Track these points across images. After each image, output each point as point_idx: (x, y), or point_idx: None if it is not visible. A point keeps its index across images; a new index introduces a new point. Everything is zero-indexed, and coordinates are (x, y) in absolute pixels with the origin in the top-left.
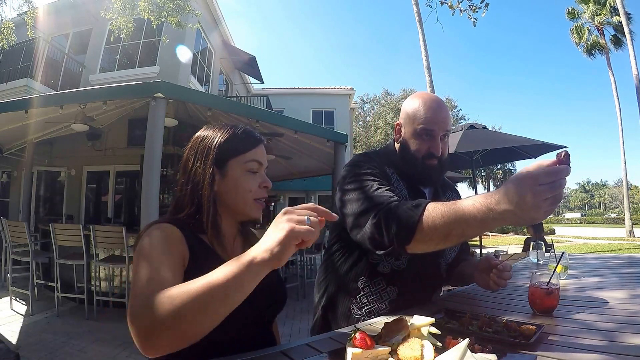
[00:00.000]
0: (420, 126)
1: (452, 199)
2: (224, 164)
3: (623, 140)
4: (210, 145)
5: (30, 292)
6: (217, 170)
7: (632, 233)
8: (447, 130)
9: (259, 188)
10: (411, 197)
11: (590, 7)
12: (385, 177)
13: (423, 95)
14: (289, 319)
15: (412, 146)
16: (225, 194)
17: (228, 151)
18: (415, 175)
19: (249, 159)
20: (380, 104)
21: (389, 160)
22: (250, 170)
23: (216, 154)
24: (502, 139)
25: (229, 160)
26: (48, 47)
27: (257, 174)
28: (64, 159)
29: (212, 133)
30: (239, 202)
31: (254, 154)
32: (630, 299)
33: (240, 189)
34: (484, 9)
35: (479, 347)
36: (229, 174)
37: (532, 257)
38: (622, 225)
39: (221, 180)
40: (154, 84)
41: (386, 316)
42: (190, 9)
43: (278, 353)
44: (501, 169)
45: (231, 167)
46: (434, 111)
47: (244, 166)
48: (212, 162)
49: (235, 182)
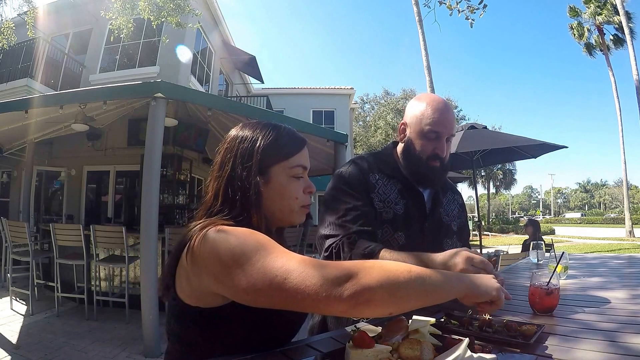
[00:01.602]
0: (427, 127)
1: (453, 200)
2: (267, 169)
3: (623, 140)
4: (253, 149)
5: (30, 292)
6: (260, 176)
7: (632, 233)
8: (452, 134)
9: (304, 194)
10: (405, 198)
11: (591, 6)
12: (365, 187)
13: (431, 97)
14: None
15: (417, 146)
16: (269, 201)
17: (272, 156)
18: (417, 176)
19: (295, 164)
20: (381, 104)
21: (379, 166)
22: (295, 175)
23: (259, 159)
24: (502, 139)
25: (273, 166)
26: (48, 47)
27: (302, 179)
28: (64, 159)
29: (251, 134)
30: (284, 209)
31: (299, 158)
32: (630, 299)
33: (286, 196)
34: (482, 10)
35: (479, 347)
36: (272, 180)
37: (532, 257)
38: (622, 225)
39: (264, 187)
40: (154, 84)
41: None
42: (190, 9)
43: (278, 353)
44: (501, 169)
45: (275, 173)
46: (441, 113)
47: (290, 172)
48: (257, 169)
49: (281, 189)
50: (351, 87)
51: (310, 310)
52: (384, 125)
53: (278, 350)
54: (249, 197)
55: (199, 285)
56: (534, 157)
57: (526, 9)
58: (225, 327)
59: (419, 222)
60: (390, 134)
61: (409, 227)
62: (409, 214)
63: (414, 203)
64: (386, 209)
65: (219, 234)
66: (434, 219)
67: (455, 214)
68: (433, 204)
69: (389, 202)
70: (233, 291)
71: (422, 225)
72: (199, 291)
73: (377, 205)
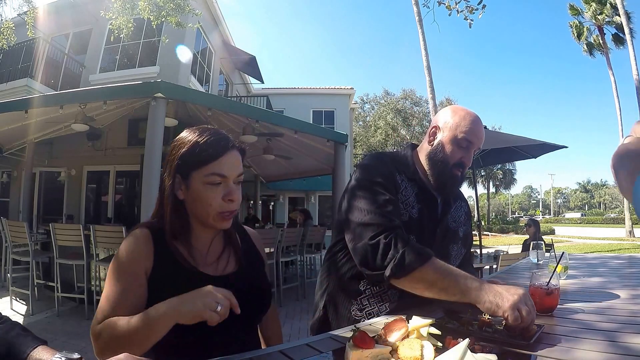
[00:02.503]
0: (462, 135)
1: (460, 207)
2: (187, 174)
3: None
4: (176, 154)
5: (30, 292)
6: (183, 180)
7: (632, 233)
8: (479, 148)
9: (223, 201)
10: (420, 202)
11: (592, 6)
12: (395, 185)
13: (466, 109)
14: (289, 319)
15: (447, 151)
16: (191, 205)
17: (189, 163)
18: (438, 181)
19: (210, 172)
20: (381, 104)
21: (399, 168)
22: (211, 183)
23: (178, 164)
24: (502, 139)
25: (192, 172)
26: (48, 47)
27: (221, 186)
28: (64, 159)
29: (183, 140)
30: (202, 214)
31: (214, 166)
32: (630, 299)
33: (201, 202)
34: (481, 10)
35: (479, 347)
36: (191, 185)
37: (532, 257)
38: (622, 225)
39: (186, 191)
40: (154, 84)
41: (386, 316)
42: (190, 9)
43: (278, 353)
44: (501, 169)
45: (193, 179)
46: (476, 125)
47: (205, 179)
48: (175, 172)
49: (197, 195)
50: (351, 87)
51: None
52: (384, 125)
53: (278, 350)
54: (167, 197)
55: None
56: (534, 157)
57: (526, 9)
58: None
59: (430, 226)
60: (390, 134)
61: (422, 231)
62: (422, 218)
63: (428, 208)
64: (404, 210)
65: (124, 242)
66: (443, 225)
67: (462, 221)
68: (443, 209)
69: (407, 204)
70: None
71: (434, 230)
72: None
73: (400, 205)
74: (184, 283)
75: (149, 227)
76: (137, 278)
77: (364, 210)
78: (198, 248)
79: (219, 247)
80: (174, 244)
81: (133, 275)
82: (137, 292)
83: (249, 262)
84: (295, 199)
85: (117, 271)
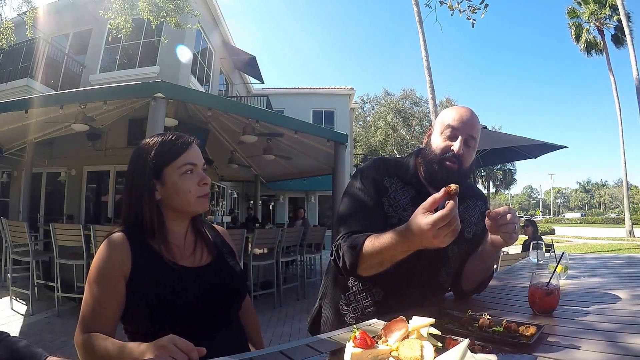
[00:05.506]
0: (445, 124)
1: (474, 206)
2: (160, 173)
3: (623, 140)
4: (145, 160)
5: (30, 292)
6: (156, 180)
7: (632, 233)
8: (471, 135)
9: (198, 186)
10: (416, 205)
11: (590, 6)
12: (379, 189)
13: (459, 106)
14: (289, 319)
15: (433, 144)
16: (169, 199)
17: (160, 162)
18: (432, 175)
19: (182, 163)
20: (381, 104)
21: (397, 171)
22: (185, 172)
23: (150, 167)
24: (502, 139)
25: (164, 169)
26: (48, 47)
27: (194, 174)
28: (64, 159)
29: (144, 148)
30: (183, 203)
31: (185, 157)
32: (630, 299)
33: (180, 191)
34: (483, 10)
35: (479, 347)
36: (166, 181)
37: (532, 257)
38: (622, 225)
39: (162, 188)
40: (154, 84)
41: (379, 317)
42: (190, 9)
43: (277, 353)
44: (501, 169)
45: (167, 174)
46: (460, 114)
47: (179, 170)
48: (150, 176)
49: (175, 186)
50: (351, 87)
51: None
52: (384, 125)
53: (278, 350)
54: (144, 200)
55: None
56: (534, 157)
57: (526, 9)
58: (131, 323)
59: None
60: (390, 134)
61: None
62: None
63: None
64: (393, 213)
65: (100, 248)
66: None
67: (473, 221)
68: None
69: (398, 207)
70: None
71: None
72: None
73: (386, 209)
74: (166, 277)
75: (124, 230)
76: (115, 284)
77: (339, 214)
78: (174, 243)
79: (192, 240)
80: (150, 242)
81: (111, 282)
82: (116, 298)
83: (221, 253)
84: (295, 199)
85: (95, 278)
